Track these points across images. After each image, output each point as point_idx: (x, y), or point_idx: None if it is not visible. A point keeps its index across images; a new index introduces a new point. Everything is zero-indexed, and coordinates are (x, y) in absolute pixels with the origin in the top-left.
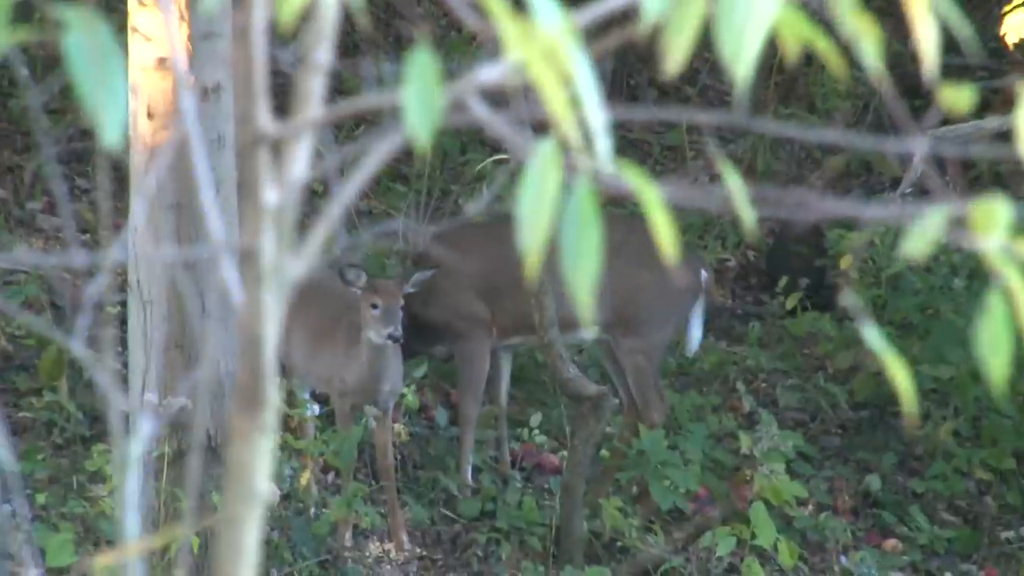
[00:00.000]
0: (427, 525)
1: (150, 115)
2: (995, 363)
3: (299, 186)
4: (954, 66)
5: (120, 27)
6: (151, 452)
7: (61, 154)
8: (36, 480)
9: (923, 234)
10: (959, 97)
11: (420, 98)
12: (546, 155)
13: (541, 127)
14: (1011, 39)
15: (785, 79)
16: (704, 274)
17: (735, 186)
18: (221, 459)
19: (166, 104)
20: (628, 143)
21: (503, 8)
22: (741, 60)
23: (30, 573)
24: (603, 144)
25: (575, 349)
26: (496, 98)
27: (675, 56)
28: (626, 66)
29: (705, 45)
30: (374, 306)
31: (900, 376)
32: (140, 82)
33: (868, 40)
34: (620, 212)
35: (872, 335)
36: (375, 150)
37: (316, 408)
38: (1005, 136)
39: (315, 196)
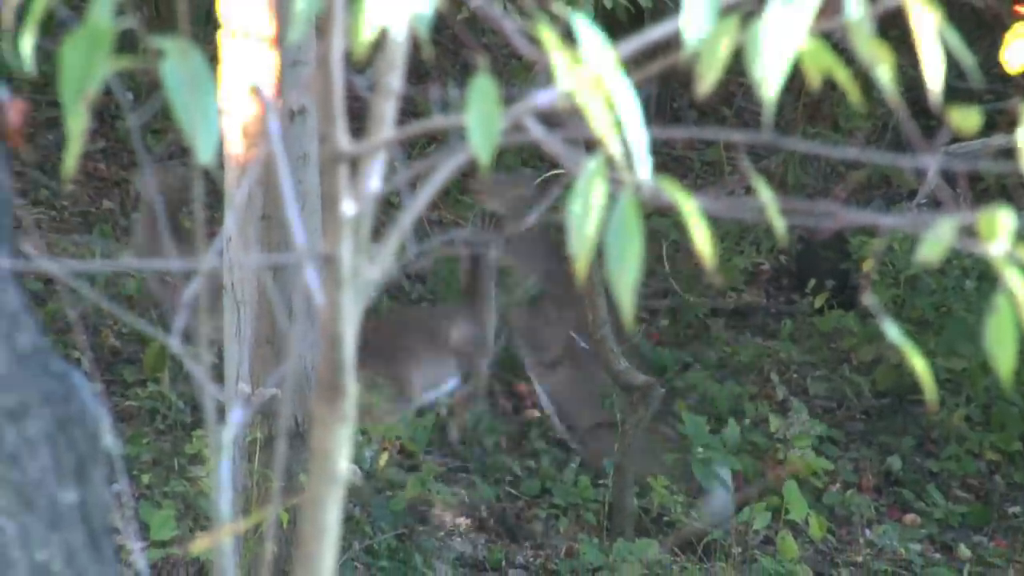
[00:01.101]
0: (494, 501)
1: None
2: (1002, 356)
3: (374, 199)
4: (963, 89)
5: (214, 56)
6: (244, 437)
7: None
8: (141, 462)
9: (936, 241)
10: (966, 118)
11: (481, 120)
12: (593, 170)
13: (593, 144)
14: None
15: (811, 101)
16: None
17: (767, 198)
18: (307, 444)
19: (256, 125)
20: (671, 159)
21: (554, 40)
22: (768, 83)
23: (134, 547)
24: (644, 163)
25: None
26: (554, 118)
27: (707, 80)
28: (669, 90)
29: (740, 71)
30: None
31: (920, 366)
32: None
33: (883, 67)
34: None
35: (893, 331)
36: (443, 166)
37: None
38: (1009, 153)
39: (392, 207)
